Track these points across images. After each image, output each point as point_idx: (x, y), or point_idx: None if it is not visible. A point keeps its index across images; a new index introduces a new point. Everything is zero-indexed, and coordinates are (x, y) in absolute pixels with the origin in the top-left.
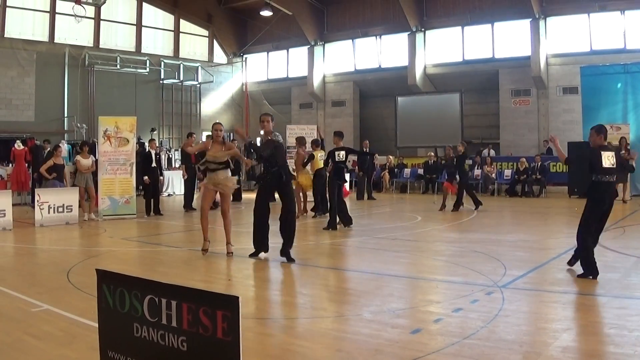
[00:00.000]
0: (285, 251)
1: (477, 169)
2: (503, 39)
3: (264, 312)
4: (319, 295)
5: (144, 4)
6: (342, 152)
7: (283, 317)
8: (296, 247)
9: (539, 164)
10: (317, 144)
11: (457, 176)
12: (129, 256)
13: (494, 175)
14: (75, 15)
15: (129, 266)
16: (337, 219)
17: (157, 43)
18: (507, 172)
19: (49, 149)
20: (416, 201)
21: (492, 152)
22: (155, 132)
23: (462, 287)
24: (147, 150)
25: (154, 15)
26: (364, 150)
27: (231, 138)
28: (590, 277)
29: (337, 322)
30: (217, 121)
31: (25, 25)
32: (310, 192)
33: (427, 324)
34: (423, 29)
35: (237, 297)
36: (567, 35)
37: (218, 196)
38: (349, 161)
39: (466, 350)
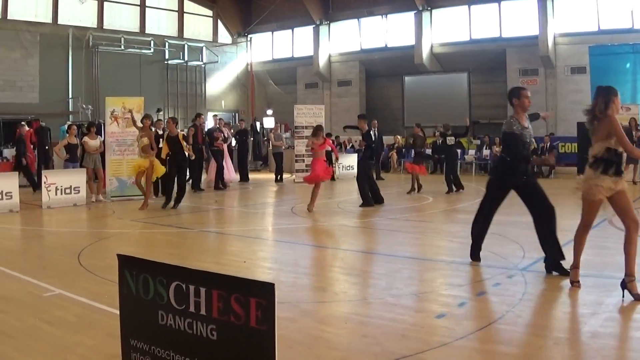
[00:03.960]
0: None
1: (486, 149)
2: (510, 18)
3: (283, 296)
4: (337, 278)
5: None
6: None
7: (304, 301)
8: (308, 229)
9: (548, 144)
10: (175, 121)
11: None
12: (140, 238)
13: None
14: None
15: (140, 248)
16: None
17: (161, 23)
18: None
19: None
20: (424, 182)
21: None
22: (161, 113)
23: (483, 270)
24: (153, 130)
25: None
26: (373, 130)
27: (238, 118)
28: None
29: (359, 306)
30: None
31: (29, 7)
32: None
33: (451, 308)
34: (429, 8)
35: (273, 284)
36: (575, 15)
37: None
38: (356, 142)
39: (494, 335)
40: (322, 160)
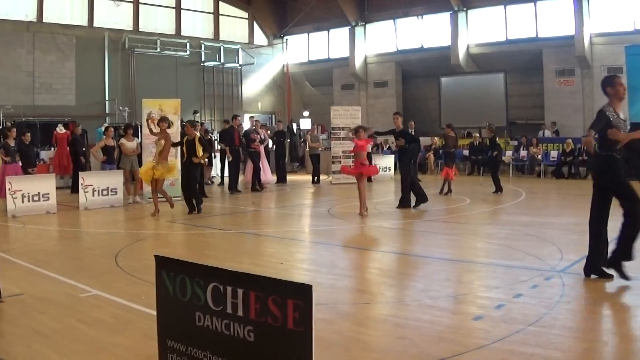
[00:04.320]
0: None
1: (523, 150)
2: (546, 18)
3: (320, 298)
4: (374, 279)
5: None
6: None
7: (341, 302)
8: (346, 230)
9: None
10: (193, 124)
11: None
12: (177, 239)
13: (540, 156)
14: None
15: (178, 250)
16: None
17: (196, 26)
18: (554, 154)
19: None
20: (462, 183)
21: (548, 133)
22: (197, 115)
23: (520, 272)
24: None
25: None
26: (410, 131)
27: (275, 120)
28: None
29: (396, 308)
30: None
31: (64, 10)
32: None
33: (488, 310)
34: (465, 8)
35: (310, 286)
36: (611, 14)
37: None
38: (392, 143)
39: (531, 338)
40: (365, 158)
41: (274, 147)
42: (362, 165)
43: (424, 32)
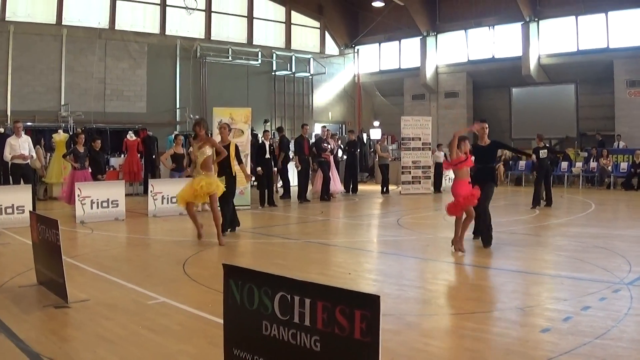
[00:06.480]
0: None
1: (593, 161)
2: (618, 29)
3: (387, 308)
4: (442, 291)
5: None
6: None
7: (408, 313)
8: (414, 241)
9: None
10: (230, 128)
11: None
12: (245, 248)
13: (610, 168)
14: (186, 8)
15: (245, 258)
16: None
17: (268, 35)
18: (623, 165)
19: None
20: (532, 194)
21: (623, 144)
22: (268, 124)
23: (588, 284)
24: (260, 141)
25: (265, 7)
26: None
27: (345, 129)
28: None
29: (464, 320)
30: None
31: (136, 17)
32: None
33: (556, 323)
34: (536, 19)
35: (378, 297)
36: None
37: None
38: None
39: (599, 351)
40: (466, 182)
41: (345, 157)
42: (457, 203)
43: (495, 42)
